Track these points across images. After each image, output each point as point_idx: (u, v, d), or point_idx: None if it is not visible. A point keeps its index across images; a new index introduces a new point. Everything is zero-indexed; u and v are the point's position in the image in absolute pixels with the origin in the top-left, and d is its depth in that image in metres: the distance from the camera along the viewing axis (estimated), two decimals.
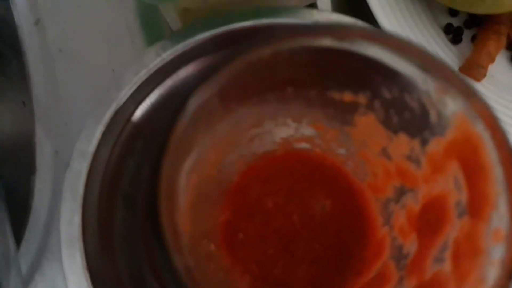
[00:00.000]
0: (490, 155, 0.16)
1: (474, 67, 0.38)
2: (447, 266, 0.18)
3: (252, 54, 0.16)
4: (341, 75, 0.20)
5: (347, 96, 0.21)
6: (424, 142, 0.20)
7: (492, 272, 0.15)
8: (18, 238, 0.35)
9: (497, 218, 0.16)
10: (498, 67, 0.40)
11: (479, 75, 0.38)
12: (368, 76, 0.19)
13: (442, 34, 0.40)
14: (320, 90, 0.21)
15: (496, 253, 0.15)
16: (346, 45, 0.18)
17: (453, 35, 0.40)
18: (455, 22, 0.40)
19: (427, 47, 0.37)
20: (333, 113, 0.23)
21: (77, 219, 0.31)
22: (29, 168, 0.38)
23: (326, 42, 0.18)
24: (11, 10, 0.38)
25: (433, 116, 0.18)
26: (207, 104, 0.17)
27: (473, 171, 0.17)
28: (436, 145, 0.19)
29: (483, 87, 0.38)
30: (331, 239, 0.27)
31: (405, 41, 0.17)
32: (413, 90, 0.18)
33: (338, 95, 0.21)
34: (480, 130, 0.16)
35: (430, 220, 0.20)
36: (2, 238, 0.32)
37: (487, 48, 0.39)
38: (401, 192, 0.23)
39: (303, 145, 0.28)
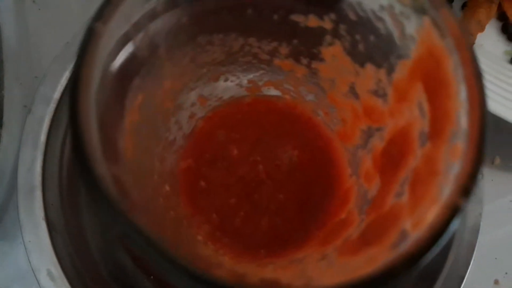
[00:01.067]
0: (453, 69, 0.15)
1: None
2: (404, 197, 0.16)
3: None
4: None
5: (312, 21, 0.19)
6: (390, 70, 0.18)
7: (446, 190, 0.14)
8: None
9: (457, 136, 0.14)
10: (487, 37, 0.39)
11: None
12: None
13: None
14: (283, 14, 0.19)
15: (452, 171, 0.14)
16: None
17: None
18: None
19: None
20: (299, 46, 0.21)
21: (37, 167, 0.29)
22: None
23: None
24: None
25: (397, 35, 0.17)
26: (149, 11, 0.16)
27: (436, 88, 0.15)
28: (401, 70, 0.18)
29: None
30: (297, 190, 0.26)
31: None
32: (376, 6, 0.17)
33: (302, 19, 0.19)
34: (445, 43, 0.15)
35: (393, 156, 0.19)
36: None
37: (477, 16, 0.38)
38: (368, 135, 0.22)
39: (272, 90, 0.26)
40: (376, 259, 0.14)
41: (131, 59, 0.17)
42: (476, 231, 0.29)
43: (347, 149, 0.25)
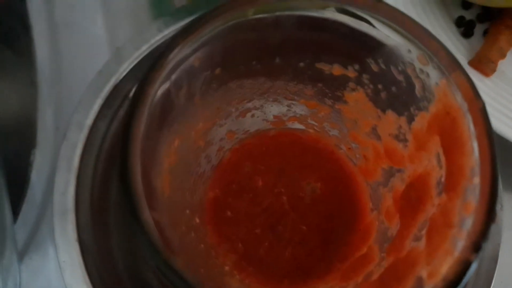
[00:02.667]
0: (467, 128, 0.16)
1: (484, 62, 0.38)
2: (422, 243, 0.18)
3: (235, 12, 0.16)
4: (329, 47, 0.20)
5: (336, 70, 0.21)
6: (410, 119, 0.20)
7: (460, 244, 0.15)
8: (16, 210, 0.36)
9: (470, 191, 0.16)
10: (509, 64, 0.40)
11: (489, 70, 0.38)
12: (355, 46, 0.19)
13: (453, 26, 0.40)
14: (309, 62, 0.21)
15: (465, 226, 0.15)
16: (330, 14, 0.18)
17: (464, 28, 0.40)
18: (468, 15, 0.40)
19: None
20: (324, 89, 0.23)
21: (71, 190, 0.31)
22: (30, 142, 0.38)
23: (311, 11, 0.18)
24: None
25: (418, 89, 0.19)
26: (189, 66, 0.18)
27: (451, 145, 0.17)
28: (420, 122, 0.19)
29: (493, 83, 0.38)
30: (320, 222, 0.28)
31: (394, 9, 0.17)
32: (398, 61, 0.18)
33: (327, 67, 0.21)
34: (459, 103, 0.16)
35: (412, 200, 0.20)
36: (1, 214, 0.33)
37: (498, 43, 0.39)
38: (389, 174, 0.24)
39: (297, 125, 0.28)
40: None
41: (170, 109, 0.19)
42: (494, 261, 0.30)
43: (368, 184, 0.27)
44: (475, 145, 0.16)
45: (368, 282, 0.20)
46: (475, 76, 0.38)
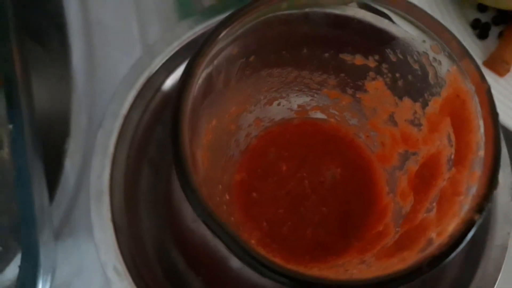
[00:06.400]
0: (475, 108, 0.19)
1: (498, 62, 0.40)
2: (433, 212, 0.20)
3: (271, 5, 0.19)
4: (352, 40, 0.23)
5: (358, 60, 0.24)
6: (424, 104, 0.22)
7: (466, 207, 0.18)
8: (51, 195, 0.39)
9: (476, 163, 0.18)
10: None
11: (503, 70, 0.40)
12: (376, 39, 0.22)
13: (469, 28, 0.42)
14: (333, 53, 0.24)
15: (471, 193, 0.18)
16: (352, 12, 0.21)
17: (480, 30, 0.42)
18: (483, 18, 0.42)
19: None
20: (346, 78, 0.26)
21: (106, 174, 0.34)
22: (64, 131, 0.41)
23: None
24: None
25: (431, 76, 0.21)
26: (228, 53, 0.21)
27: (460, 124, 0.19)
28: (433, 106, 0.22)
29: (507, 83, 0.40)
30: (339, 205, 0.30)
31: (411, 4, 0.20)
32: (414, 51, 0.21)
33: (350, 58, 0.24)
34: (468, 86, 0.19)
35: (425, 178, 0.23)
36: (40, 193, 0.35)
37: None
38: (405, 158, 0.26)
39: (319, 114, 0.31)
40: (407, 259, 0.18)
41: (210, 92, 0.22)
42: (504, 249, 0.32)
43: (385, 170, 0.29)
44: (481, 122, 0.18)
45: (384, 249, 0.22)
46: (490, 76, 0.40)
